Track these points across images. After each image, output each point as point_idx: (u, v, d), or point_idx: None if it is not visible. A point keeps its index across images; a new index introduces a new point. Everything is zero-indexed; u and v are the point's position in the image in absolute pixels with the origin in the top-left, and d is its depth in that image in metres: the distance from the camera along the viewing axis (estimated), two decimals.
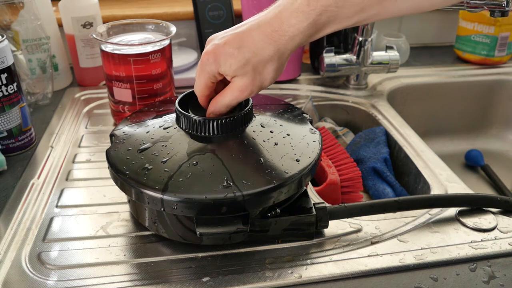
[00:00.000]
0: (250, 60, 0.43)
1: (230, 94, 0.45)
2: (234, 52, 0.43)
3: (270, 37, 0.43)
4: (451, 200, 0.51)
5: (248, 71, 0.44)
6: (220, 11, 0.89)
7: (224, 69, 0.44)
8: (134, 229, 0.49)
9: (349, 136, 0.79)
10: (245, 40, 0.43)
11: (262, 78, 0.45)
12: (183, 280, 0.43)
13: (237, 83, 0.45)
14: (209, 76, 0.46)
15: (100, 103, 0.78)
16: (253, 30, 0.43)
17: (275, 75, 0.45)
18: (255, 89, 0.45)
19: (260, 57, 0.43)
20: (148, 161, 0.44)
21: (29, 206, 0.53)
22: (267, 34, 0.43)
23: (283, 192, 0.43)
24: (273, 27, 0.43)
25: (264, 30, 0.43)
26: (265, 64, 0.44)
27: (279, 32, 0.43)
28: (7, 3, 0.72)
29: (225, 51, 0.43)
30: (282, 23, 0.42)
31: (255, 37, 0.43)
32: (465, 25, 0.97)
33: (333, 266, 0.45)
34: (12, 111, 0.61)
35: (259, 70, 0.44)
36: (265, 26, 0.43)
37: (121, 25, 0.68)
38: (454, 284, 0.43)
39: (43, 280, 0.43)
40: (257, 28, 0.43)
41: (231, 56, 0.43)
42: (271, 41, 0.43)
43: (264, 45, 0.43)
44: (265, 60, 0.44)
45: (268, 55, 0.43)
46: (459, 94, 0.93)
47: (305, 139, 0.49)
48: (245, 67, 0.43)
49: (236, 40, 0.43)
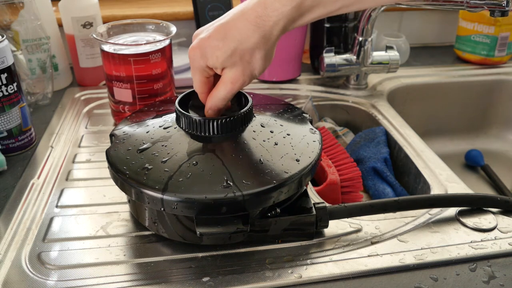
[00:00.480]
0: (236, 49, 0.43)
1: (224, 87, 0.45)
2: (219, 44, 0.43)
3: (254, 23, 0.42)
4: (451, 200, 0.51)
5: (236, 61, 0.43)
6: (220, 11, 0.89)
7: (211, 62, 0.44)
8: (134, 229, 0.49)
9: (349, 136, 0.79)
10: (229, 30, 0.43)
11: (251, 67, 0.44)
12: (183, 280, 0.43)
13: (228, 75, 0.44)
14: (200, 71, 0.46)
15: (100, 103, 0.78)
16: (236, 19, 0.43)
17: (264, 62, 0.45)
18: (247, 79, 0.45)
19: (246, 45, 0.43)
20: (148, 161, 0.44)
21: (29, 206, 0.53)
22: (250, 21, 0.42)
23: (283, 192, 0.43)
24: (256, 13, 0.42)
25: (248, 17, 0.43)
26: (252, 52, 0.43)
27: (263, 17, 0.42)
28: (7, 3, 0.72)
29: (210, 44, 0.43)
30: (265, 8, 0.42)
31: (238, 25, 0.43)
32: (465, 25, 0.97)
33: (333, 266, 0.45)
34: (12, 111, 0.61)
35: (246, 59, 0.44)
36: (248, 13, 0.43)
37: (121, 25, 0.68)
38: (454, 284, 0.43)
39: (43, 280, 0.43)
40: (240, 16, 0.43)
41: (216, 48, 0.43)
42: (255, 27, 0.42)
43: (249, 32, 0.43)
44: (252, 47, 0.43)
45: (253, 42, 0.43)
46: (459, 94, 0.93)
47: (305, 139, 0.49)
48: (232, 57, 0.43)
49: (221, 31, 0.43)
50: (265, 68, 0.46)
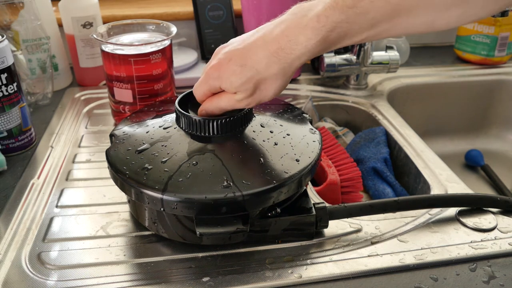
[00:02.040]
0: (253, 78, 0.42)
1: (227, 100, 0.45)
2: (237, 69, 0.42)
3: (276, 55, 0.41)
4: (451, 200, 0.51)
5: (250, 87, 0.43)
6: (220, 11, 0.89)
7: (226, 85, 0.44)
8: (134, 229, 0.50)
9: (349, 136, 0.79)
10: (249, 57, 0.42)
11: (262, 94, 0.44)
12: (183, 280, 0.43)
13: (237, 96, 0.44)
14: (210, 88, 0.45)
15: (100, 103, 0.78)
16: (258, 47, 0.42)
17: (277, 91, 0.44)
18: (253, 103, 0.45)
19: (263, 75, 0.42)
20: (148, 161, 0.44)
21: (29, 206, 0.53)
22: (272, 52, 0.41)
23: (283, 192, 0.43)
24: (279, 44, 0.41)
25: (270, 47, 0.41)
26: (268, 82, 0.43)
27: (285, 50, 0.41)
28: (7, 3, 0.72)
29: (228, 68, 0.43)
30: (289, 41, 0.41)
31: (259, 54, 0.42)
32: (465, 25, 0.97)
33: (333, 266, 0.45)
34: (12, 111, 0.61)
35: (260, 88, 0.43)
36: (270, 43, 0.42)
37: (121, 25, 0.68)
38: (454, 284, 0.43)
39: (43, 280, 0.43)
40: (262, 44, 0.42)
41: (234, 74, 0.43)
42: (276, 59, 0.41)
43: (269, 63, 0.42)
44: (269, 78, 0.42)
45: (272, 73, 0.42)
46: (459, 94, 0.93)
47: (305, 139, 0.49)
48: (247, 84, 0.43)
49: (241, 56, 0.43)
50: (276, 95, 0.45)
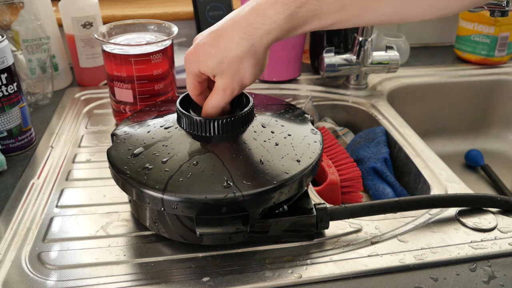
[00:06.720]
0: (225, 57, 0.43)
1: (216, 95, 0.46)
2: (211, 50, 0.43)
3: (245, 31, 0.42)
4: (451, 200, 0.51)
5: (225, 69, 0.44)
6: (220, 11, 0.89)
7: (203, 68, 0.45)
8: (134, 229, 0.50)
9: (349, 136, 0.79)
10: (221, 37, 0.43)
11: (240, 75, 0.44)
12: (183, 280, 0.43)
13: (218, 83, 0.45)
14: (193, 75, 0.46)
15: (100, 103, 0.78)
16: (228, 26, 0.43)
17: (254, 71, 0.45)
18: (236, 87, 0.45)
19: (234, 53, 0.43)
20: (149, 161, 0.44)
21: (29, 206, 0.53)
22: (241, 28, 0.42)
23: (284, 192, 0.43)
24: (248, 20, 0.42)
25: (239, 25, 0.43)
26: (240, 60, 0.43)
27: (254, 25, 0.42)
28: (7, 3, 0.72)
29: (204, 50, 0.44)
30: (257, 15, 0.42)
31: (230, 33, 0.43)
32: (465, 25, 0.97)
33: (333, 266, 0.45)
34: (12, 111, 0.61)
35: (235, 67, 0.44)
36: (240, 21, 0.43)
37: (122, 26, 0.68)
38: (454, 284, 0.43)
39: (43, 280, 0.43)
40: (232, 24, 0.43)
41: (208, 55, 0.44)
42: (245, 35, 0.42)
43: (239, 40, 0.42)
44: (239, 56, 0.43)
45: (242, 50, 0.43)
46: (459, 94, 0.93)
47: (306, 139, 0.49)
48: (221, 65, 0.43)
49: (214, 38, 0.44)
50: (256, 76, 0.46)
